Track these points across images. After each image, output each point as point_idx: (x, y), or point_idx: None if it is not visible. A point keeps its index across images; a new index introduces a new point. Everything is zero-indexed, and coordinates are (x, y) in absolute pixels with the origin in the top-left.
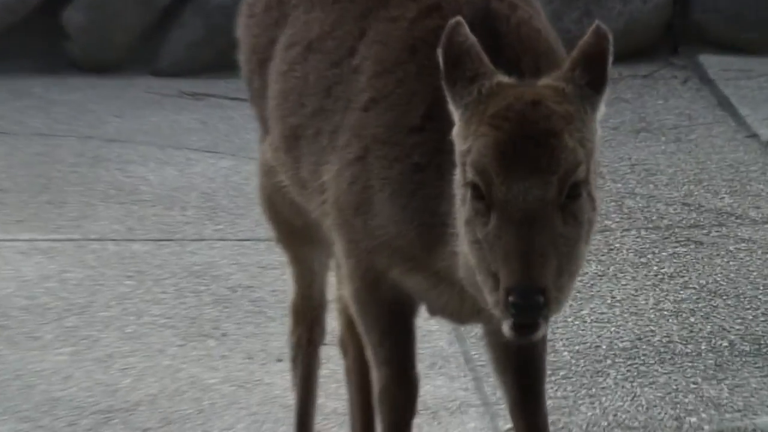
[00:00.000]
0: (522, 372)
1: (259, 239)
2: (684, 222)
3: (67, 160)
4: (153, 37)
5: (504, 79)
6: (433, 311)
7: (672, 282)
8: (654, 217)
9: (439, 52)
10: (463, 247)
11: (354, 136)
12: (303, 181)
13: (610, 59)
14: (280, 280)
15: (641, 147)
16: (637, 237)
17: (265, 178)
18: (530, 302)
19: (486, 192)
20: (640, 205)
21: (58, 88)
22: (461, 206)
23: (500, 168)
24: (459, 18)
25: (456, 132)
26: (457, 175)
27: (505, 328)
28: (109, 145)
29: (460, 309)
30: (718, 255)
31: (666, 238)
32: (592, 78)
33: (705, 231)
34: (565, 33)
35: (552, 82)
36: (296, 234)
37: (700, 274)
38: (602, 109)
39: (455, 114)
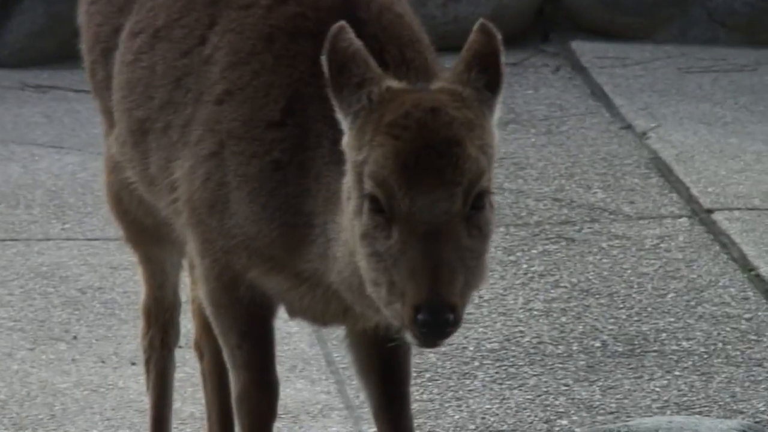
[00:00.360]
0: (386, 374)
1: (108, 238)
2: (555, 218)
3: None
4: None
5: (393, 83)
6: (294, 313)
7: (542, 281)
8: (523, 213)
9: (323, 59)
10: (359, 260)
11: (207, 130)
12: (152, 177)
13: (503, 58)
14: (132, 281)
15: (510, 140)
16: (506, 234)
17: (112, 175)
18: (440, 319)
19: (386, 205)
20: (508, 200)
21: None
22: (355, 217)
23: (402, 180)
24: (342, 22)
25: (346, 141)
26: (348, 184)
27: (409, 338)
28: None
29: (324, 311)
30: (590, 252)
31: (536, 235)
32: (487, 80)
33: (577, 227)
34: (429, 19)
35: (448, 86)
36: (146, 233)
37: (571, 272)
38: (498, 112)
39: (343, 122)
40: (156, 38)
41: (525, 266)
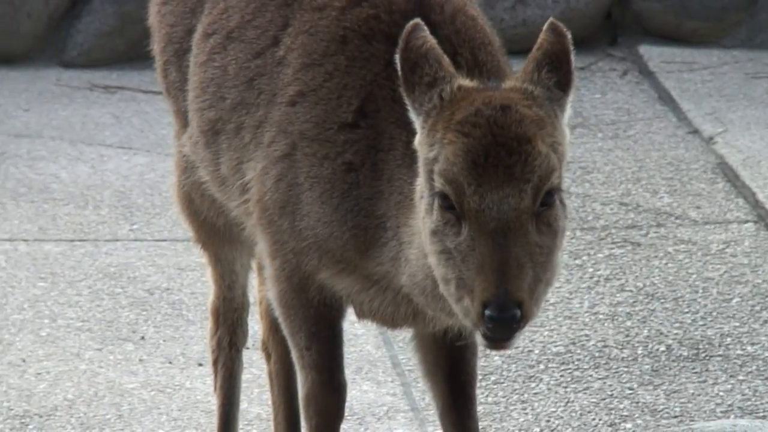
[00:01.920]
0: (452, 376)
1: (176, 239)
2: (621, 222)
3: None
4: (61, 26)
5: (465, 82)
6: (363, 315)
7: (608, 285)
8: (590, 218)
9: (396, 58)
10: (429, 257)
11: (280, 132)
12: (223, 178)
13: (573, 58)
14: (200, 282)
15: (577, 143)
16: (572, 238)
17: (183, 175)
18: (507, 316)
19: (457, 202)
20: (575, 204)
21: None
22: (426, 215)
23: (472, 177)
24: (417, 20)
25: (419, 140)
26: (420, 185)
27: (479, 338)
28: (18, 141)
29: (394, 313)
30: (656, 257)
31: (602, 239)
32: (558, 78)
33: (643, 232)
34: (497, 22)
35: (519, 84)
36: (217, 234)
37: (637, 276)
38: (569, 111)
39: (416, 121)
40: (229, 39)
41: (591, 270)
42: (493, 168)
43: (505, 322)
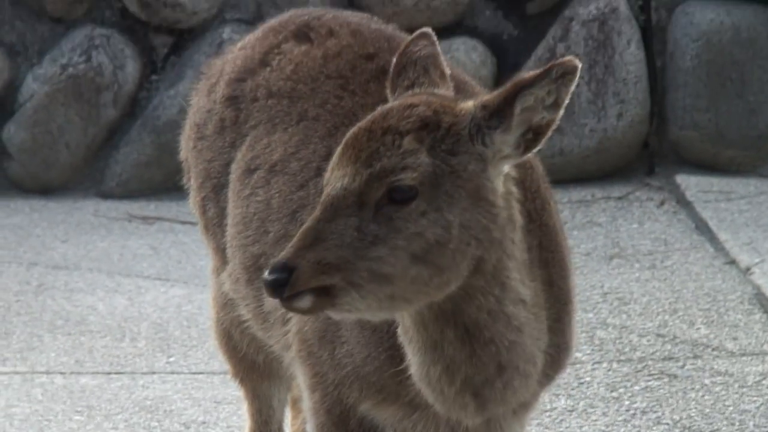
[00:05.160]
0: None
1: (213, 372)
2: (658, 354)
3: (11, 288)
4: (100, 156)
5: (443, 90)
6: None
7: (644, 417)
8: (626, 349)
9: (392, 60)
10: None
11: None
12: (266, 314)
13: (524, 101)
14: (236, 416)
15: (614, 274)
16: (609, 370)
17: (222, 311)
18: (268, 278)
19: None
20: (612, 336)
21: None
22: None
23: (336, 154)
24: (426, 29)
25: None
26: None
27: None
28: (55, 272)
29: None
30: (692, 389)
31: (639, 371)
32: (500, 108)
33: (680, 363)
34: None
35: (456, 96)
36: (256, 369)
37: (673, 409)
38: (505, 150)
39: None
40: (272, 172)
41: (627, 402)
42: (351, 149)
43: (266, 283)
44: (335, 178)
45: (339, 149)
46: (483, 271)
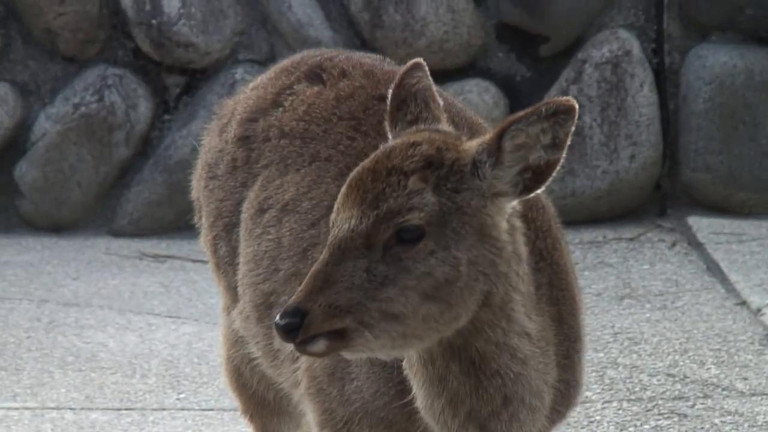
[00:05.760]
0: None
1: (223, 409)
2: (668, 394)
3: (22, 325)
4: (111, 195)
5: (445, 126)
6: None
7: None
8: (637, 389)
9: (388, 93)
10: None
11: None
12: (276, 351)
13: (513, 137)
14: None
15: (625, 314)
16: (619, 409)
17: (232, 349)
18: (279, 323)
19: None
20: (622, 375)
21: (11, 249)
22: None
23: (340, 196)
24: (419, 59)
25: None
26: None
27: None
28: (66, 310)
29: None
30: (702, 428)
31: (649, 410)
32: (491, 143)
33: (690, 403)
34: (547, 192)
35: (460, 134)
36: (266, 406)
37: None
38: (498, 186)
39: None
40: (284, 212)
41: None
42: (356, 190)
43: (278, 327)
44: (342, 219)
45: (344, 189)
46: (491, 305)
